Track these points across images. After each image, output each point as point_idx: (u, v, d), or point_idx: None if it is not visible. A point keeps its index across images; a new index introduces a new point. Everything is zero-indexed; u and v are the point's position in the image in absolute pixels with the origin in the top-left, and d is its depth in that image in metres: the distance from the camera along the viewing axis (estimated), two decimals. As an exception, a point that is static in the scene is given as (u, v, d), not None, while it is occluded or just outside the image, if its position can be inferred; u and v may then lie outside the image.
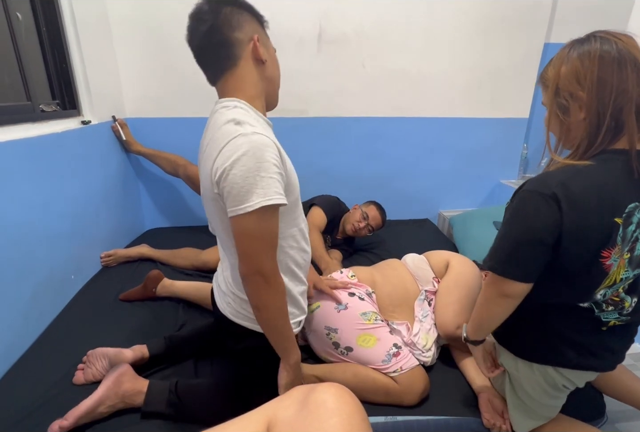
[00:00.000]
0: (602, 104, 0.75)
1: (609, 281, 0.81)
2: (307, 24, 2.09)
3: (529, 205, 0.78)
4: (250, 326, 0.94)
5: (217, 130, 0.83)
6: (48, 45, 1.63)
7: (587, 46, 0.77)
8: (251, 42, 0.87)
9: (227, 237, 0.89)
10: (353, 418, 0.58)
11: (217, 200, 0.83)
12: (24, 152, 1.29)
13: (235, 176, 0.75)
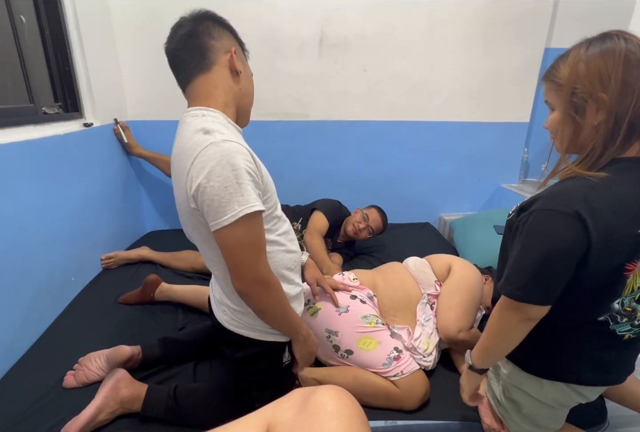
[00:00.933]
0: (623, 107, 0.70)
1: (627, 290, 0.79)
2: (308, 29, 2.10)
3: (550, 226, 0.72)
4: (246, 333, 0.93)
5: (187, 141, 0.80)
6: (51, 48, 1.64)
7: (609, 44, 0.71)
8: (228, 53, 0.88)
9: (209, 250, 0.86)
10: (353, 421, 0.57)
11: (195, 215, 0.81)
12: (26, 154, 1.29)
13: (213, 188, 0.73)
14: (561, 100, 0.77)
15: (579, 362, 0.87)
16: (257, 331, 0.93)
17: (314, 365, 1.23)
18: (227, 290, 0.90)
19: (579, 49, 0.75)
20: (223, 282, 0.90)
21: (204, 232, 0.82)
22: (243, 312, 0.91)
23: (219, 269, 0.88)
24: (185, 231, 0.93)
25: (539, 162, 2.62)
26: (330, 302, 1.25)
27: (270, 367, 0.99)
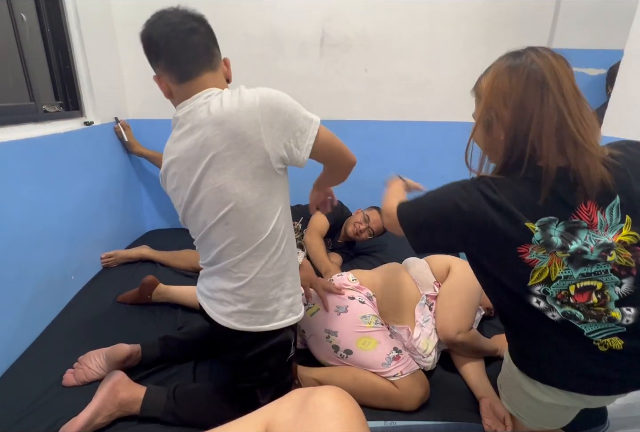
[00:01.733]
0: (522, 127, 0.74)
1: (537, 275, 0.80)
2: (309, 28, 2.10)
3: (451, 186, 0.82)
4: (257, 328, 0.92)
5: (230, 102, 0.82)
6: (52, 46, 1.64)
7: (517, 61, 0.76)
8: (226, 61, 0.97)
9: (261, 213, 0.88)
10: (352, 422, 0.57)
11: (271, 166, 0.85)
12: (26, 152, 1.29)
13: (285, 107, 0.83)
14: (477, 112, 0.83)
15: (560, 366, 0.85)
16: (270, 322, 0.93)
17: (313, 365, 1.24)
18: (248, 264, 0.90)
19: (500, 62, 0.80)
20: (246, 263, 0.90)
21: (273, 183, 0.88)
22: (254, 302, 0.91)
23: (248, 240, 0.88)
24: (224, 214, 0.88)
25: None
26: (329, 302, 1.25)
27: (280, 362, 0.99)
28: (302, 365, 1.22)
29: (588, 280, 0.80)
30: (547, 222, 0.76)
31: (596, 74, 2.42)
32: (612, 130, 1.63)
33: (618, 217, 0.77)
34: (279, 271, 0.93)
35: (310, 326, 1.24)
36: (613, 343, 0.81)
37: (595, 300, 0.80)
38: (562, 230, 0.77)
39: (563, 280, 0.80)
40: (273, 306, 0.94)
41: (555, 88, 0.73)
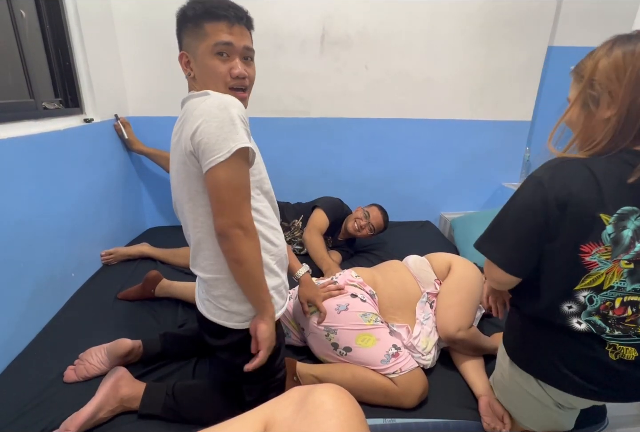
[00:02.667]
0: (635, 105, 0.72)
1: (591, 280, 0.78)
2: (310, 26, 2.09)
3: (522, 189, 0.83)
4: (222, 322, 0.91)
5: (193, 110, 0.82)
6: (52, 43, 1.63)
7: (632, 43, 0.74)
8: (180, 61, 0.94)
9: (194, 208, 0.86)
10: (351, 420, 0.57)
11: (187, 164, 0.83)
12: (26, 149, 1.29)
13: (211, 127, 0.77)
14: (578, 91, 0.80)
15: (561, 366, 0.86)
16: (234, 321, 0.91)
17: (313, 362, 1.24)
18: (208, 260, 0.89)
19: (607, 44, 0.78)
20: (205, 250, 0.89)
21: (194, 184, 0.84)
22: (218, 297, 0.90)
23: (202, 231, 0.87)
24: (176, 199, 0.94)
25: (540, 161, 2.60)
26: (329, 301, 1.25)
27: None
28: (301, 361, 1.22)
29: (637, 296, 0.78)
30: (627, 213, 0.74)
31: (597, 72, 2.41)
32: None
33: None
34: (225, 274, 0.89)
35: (309, 324, 1.24)
36: (627, 353, 0.80)
37: (629, 313, 0.79)
38: (639, 224, 0.74)
39: (615, 291, 0.78)
40: (234, 305, 0.91)
41: None
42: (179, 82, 2.10)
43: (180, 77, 2.32)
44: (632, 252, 0.75)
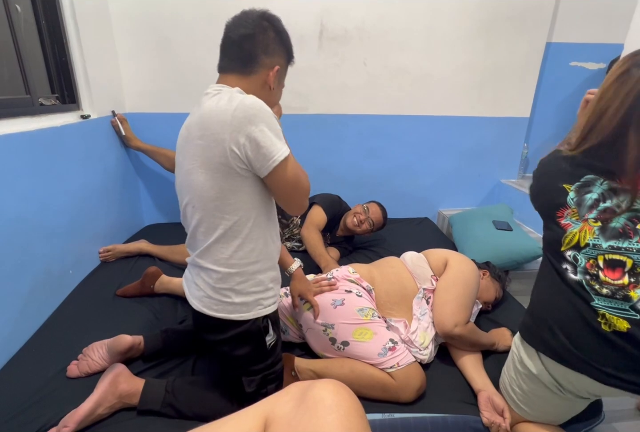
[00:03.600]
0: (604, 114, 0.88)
1: (569, 240, 0.90)
2: (308, 21, 2.08)
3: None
4: (224, 316, 0.95)
5: (215, 106, 0.86)
6: (47, 38, 1.61)
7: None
8: (271, 69, 0.95)
9: (221, 206, 0.89)
10: (351, 415, 0.57)
11: (228, 167, 0.86)
12: (22, 145, 1.28)
13: (261, 130, 0.83)
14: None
15: (562, 337, 0.90)
16: (237, 312, 0.95)
17: (311, 357, 1.24)
18: (224, 255, 0.93)
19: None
20: (223, 245, 0.92)
21: (236, 182, 0.88)
22: (226, 289, 0.94)
23: (226, 227, 0.90)
24: (189, 202, 0.94)
25: (538, 157, 2.61)
26: (324, 296, 1.26)
27: (254, 351, 0.99)
28: (300, 357, 1.22)
29: (618, 254, 0.85)
30: (591, 180, 0.90)
31: (596, 69, 2.41)
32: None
33: None
34: (245, 267, 0.94)
35: (307, 320, 1.24)
36: (618, 323, 0.83)
37: (625, 282, 0.84)
38: (605, 188, 0.88)
39: (592, 248, 0.88)
40: (239, 298, 0.95)
41: None
42: (176, 78, 2.10)
43: (177, 73, 2.32)
44: (595, 212, 0.88)
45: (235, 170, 0.86)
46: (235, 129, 0.82)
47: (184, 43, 2.05)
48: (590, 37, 2.34)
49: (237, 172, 0.87)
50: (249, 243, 0.93)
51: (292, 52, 1.01)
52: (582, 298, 0.88)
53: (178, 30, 2.02)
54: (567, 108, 2.49)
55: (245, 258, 0.94)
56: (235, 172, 0.86)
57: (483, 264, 1.62)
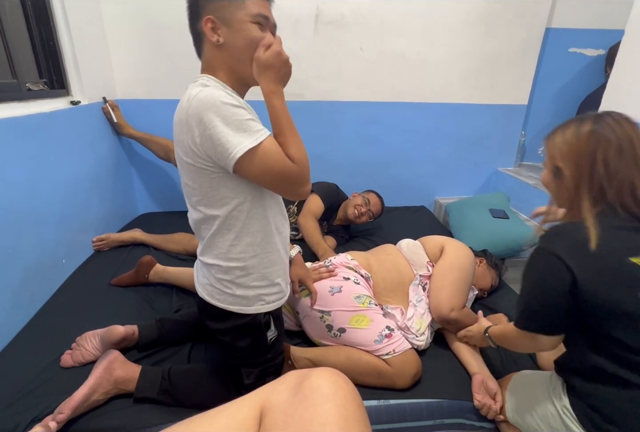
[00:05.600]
0: (586, 178, 0.83)
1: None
2: (304, 5, 2.03)
3: (536, 263, 0.84)
4: (225, 307, 0.94)
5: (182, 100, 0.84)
6: (34, 20, 1.56)
7: (585, 125, 0.84)
8: (204, 26, 0.85)
9: (207, 202, 0.87)
10: (348, 403, 0.57)
11: (199, 165, 0.83)
12: (9, 131, 1.25)
13: (214, 124, 0.77)
14: (547, 164, 0.91)
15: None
16: (237, 304, 0.94)
17: (307, 346, 1.25)
18: (221, 249, 0.91)
19: (572, 125, 0.87)
20: (226, 240, 0.90)
21: (212, 178, 0.84)
22: (227, 281, 0.93)
23: (216, 223, 0.89)
24: (189, 193, 0.91)
25: (535, 145, 2.61)
26: (322, 283, 1.26)
27: (255, 344, 0.99)
28: (296, 346, 1.22)
29: None
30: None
31: (595, 55, 2.38)
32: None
33: None
34: (246, 261, 0.92)
35: (304, 307, 1.24)
36: None
37: None
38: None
39: None
40: (240, 290, 0.94)
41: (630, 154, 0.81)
42: (169, 63, 2.05)
43: (169, 59, 2.26)
44: None
45: (204, 169, 0.83)
46: (190, 128, 0.79)
47: (176, 28, 1.98)
48: (590, 23, 2.30)
49: (208, 170, 0.83)
50: (245, 237, 0.90)
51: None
52: None
53: (169, 15, 1.96)
54: (565, 95, 2.46)
55: (244, 252, 0.91)
56: (205, 170, 0.83)
57: (480, 252, 1.63)
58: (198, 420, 0.59)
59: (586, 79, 2.40)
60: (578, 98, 2.38)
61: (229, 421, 0.57)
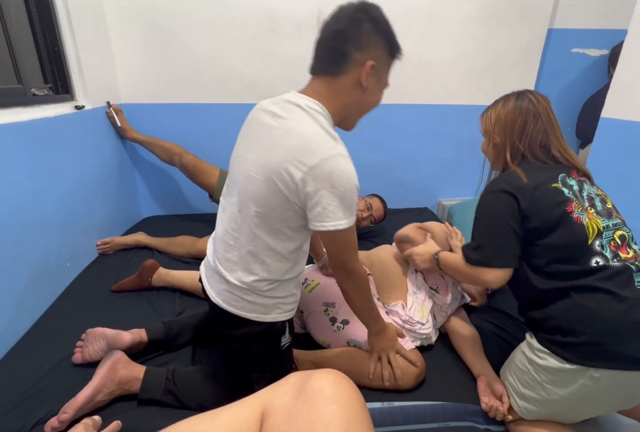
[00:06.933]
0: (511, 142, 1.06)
1: (592, 230, 0.93)
2: (306, 7, 2.04)
3: (487, 202, 1.03)
4: (243, 314, 0.94)
5: (304, 126, 0.84)
6: (38, 26, 1.58)
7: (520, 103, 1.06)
8: (363, 66, 0.86)
9: (264, 226, 0.88)
10: (352, 405, 0.57)
11: (289, 203, 0.85)
12: (15, 136, 1.26)
13: (333, 194, 0.81)
14: (484, 134, 1.19)
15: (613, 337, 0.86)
16: (255, 312, 0.94)
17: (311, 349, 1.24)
18: (252, 267, 0.91)
19: (500, 102, 1.13)
20: (250, 259, 0.91)
21: (289, 218, 0.88)
22: (248, 290, 0.92)
23: (258, 246, 0.90)
24: (245, 200, 0.90)
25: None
26: (328, 279, 1.28)
27: (268, 350, 0.99)
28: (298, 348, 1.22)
29: (619, 229, 0.96)
30: (564, 176, 0.99)
31: (598, 55, 2.37)
32: (614, 113, 1.60)
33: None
34: (281, 276, 0.94)
35: (308, 303, 1.25)
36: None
37: (632, 253, 0.93)
38: (575, 180, 1.00)
39: (607, 230, 0.94)
40: (261, 299, 0.94)
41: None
42: (172, 67, 2.07)
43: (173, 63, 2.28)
44: (586, 200, 0.97)
45: (290, 201, 0.85)
46: (308, 173, 0.80)
47: (181, 32, 2.01)
48: (593, 23, 2.29)
49: (293, 204, 0.85)
50: (296, 264, 0.96)
51: (394, 43, 0.91)
52: (628, 283, 0.89)
53: (173, 18, 1.97)
54: (568, 96, 2.45)
55: (287, 273, 0.95)
56: (290, 202, 0.85)
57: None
58: (199, 419, 0.59)
59: (589, 80, 2.39)
60: (581, 99, 2.37)
61: (230, 420, 0.57)
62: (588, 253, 0.91)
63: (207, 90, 2.14)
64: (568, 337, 0.90)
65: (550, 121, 1.05)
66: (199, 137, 2.18)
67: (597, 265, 0.90)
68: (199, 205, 2.35)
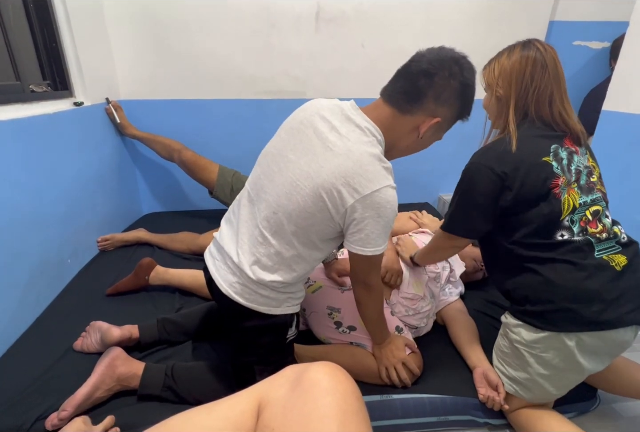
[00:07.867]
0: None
1: (567, 206, 0.94)
2: (305, 2, 2.02)
3: (471, 177, 1.00)
4: (254, 307, 0.94)
5: (358, 148, 0.85)
6: (36, 22, 1.57)
7: (527, 52, 1.01)
8: (430, 117, 0.89)
9: (301, 236, 0.90)
10: (347, 397, 0.57)
11: (332, 218, 0.87)
12: (14, 133, 1.26)
13: (378, 224, 0.86)
14: (487, 89, 1.14)
15: (573, 301, 0.91)
16: (266, 305, 0.94)
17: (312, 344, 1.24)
18: (277, 267, 0.93)
19: (505, 53, 1.10)
20: (266, 261, 0.92)
21: (324, 230, 0.90)
22: (262, 285, 0.93)
23: (289, 251, 0.92)
24: (276, 203, 0.90)
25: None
26: (331, 281, 1.27)
27: (275, 342, 1.00)
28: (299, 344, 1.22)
29: (595, 205, 0.97)
30: (556, 148, 0.97)
31: (599, 48, 2.35)
32: (615, 106, 1.59)
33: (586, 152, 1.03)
34: (297, 278, 0.97)
35: (311, 303, 1.25)
36: (620, 260, 0.93)
37: (600, 227, 0.95)
38: (567, 152, 0.98)
39: (583, 206, 0.95)
40: (273, 293, 0.95)
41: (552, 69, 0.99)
42: (171, 64, 2.06)
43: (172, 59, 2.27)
44: (573, 174, 0.97)
45: (330, 217, 0.87)
46: (362, 206, 0.83)
47: (179, 28, 2.00)
48: (594, 15, 2.27)
49: (332, 219, 0.88)
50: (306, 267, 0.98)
51: (468, 109, 0.95)
52: (589, 254, 0.93)
53: (172, 14, 1.97)
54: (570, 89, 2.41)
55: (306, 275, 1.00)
56: (329, 217, 0.87)
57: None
58: (196, 412, 0.59)
59: (591, 72, 2.37)
60: (583, 91, 2.35)
61: (227, 413, 0.57)
62: (556, 227, 0.94)
63: (206, 86, 2.13)
64: (537, 306, 0.95)
65: (557, 73, 1.00)
66: (198, 133, 2.18)
67: (562, 238, 0.93)
68: (200, 201, 2.35)
